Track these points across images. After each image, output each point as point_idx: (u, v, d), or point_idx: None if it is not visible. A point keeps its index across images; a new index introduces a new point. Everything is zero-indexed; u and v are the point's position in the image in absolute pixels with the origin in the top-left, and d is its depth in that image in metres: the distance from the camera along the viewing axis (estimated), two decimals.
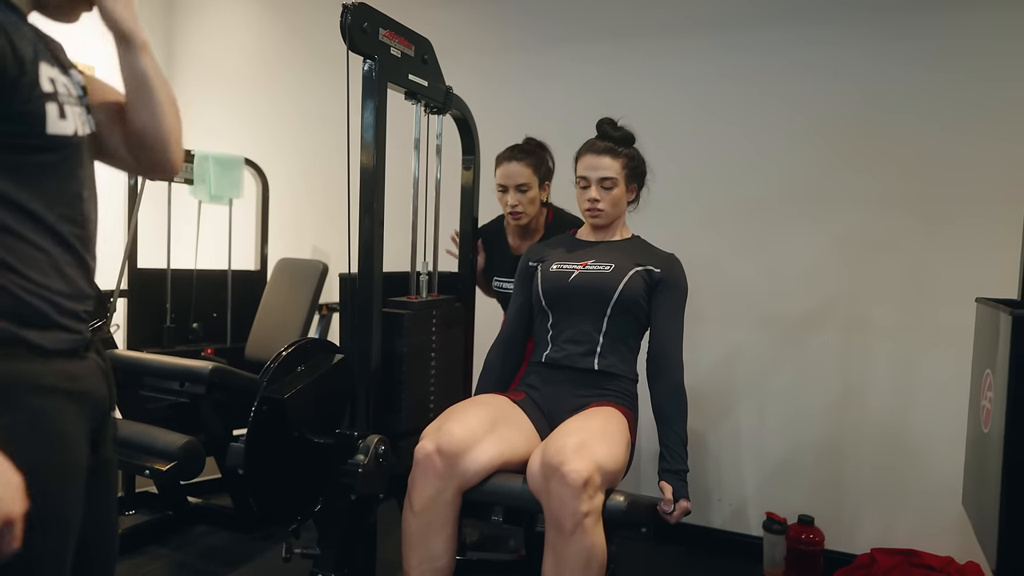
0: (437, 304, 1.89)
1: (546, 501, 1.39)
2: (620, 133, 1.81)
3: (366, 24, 1.61)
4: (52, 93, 0.92)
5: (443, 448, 1.47)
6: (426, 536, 1.46)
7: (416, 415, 1.76)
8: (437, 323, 1.86)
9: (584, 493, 1.34)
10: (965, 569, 2.25)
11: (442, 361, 1.88)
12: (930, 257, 2.39)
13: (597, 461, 1.39)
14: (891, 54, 2.41)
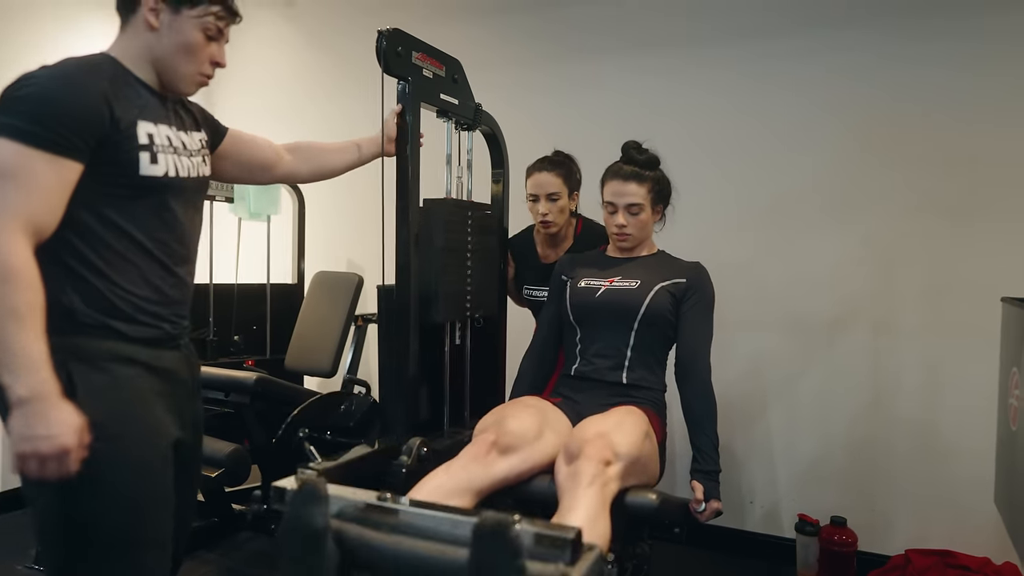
0: (472, 206, 1.94)
1: (562, 482, 1.41)
2: (645, 157, 1.85)
3: (400, 48, 1.69)
4: (147, 144, 1.19)
5: (501, 442, 1.49)
6: (443, 497, 1.40)
7: (452, 308, 1.80)
8: (472, 224, 1.90)
9: (599, 467, 1.37)
10: (1002, 570, 2.24)
11: (478, 263, 1.91)
12: (957, 257, 2.40)
13: (614, 447, 1.43)
14: (916, 58, 2.43)
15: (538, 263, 2.37)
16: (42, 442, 1.02)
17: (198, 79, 1.28)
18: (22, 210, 1.05)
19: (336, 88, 3.53)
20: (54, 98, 1.08)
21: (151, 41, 1.21)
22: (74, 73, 1.13)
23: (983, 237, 2.36)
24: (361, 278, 2.94)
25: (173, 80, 1.25)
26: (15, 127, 1.06)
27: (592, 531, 1.29)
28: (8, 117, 1.06)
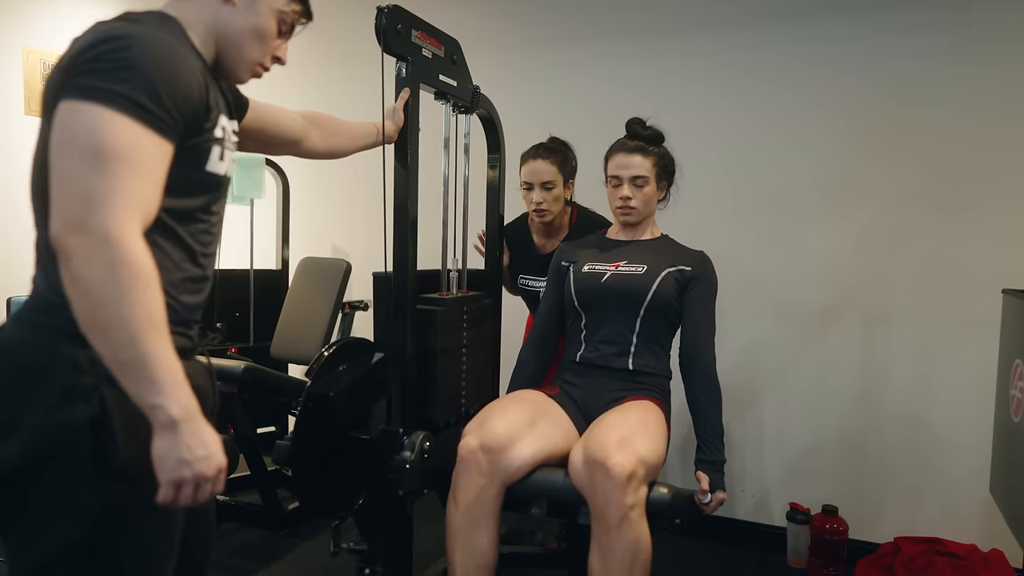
0: (468, 300, 1.91)
1: (591, 496, 1.42)
2: (650, 132, 1.83)
3: (400, 26, 1.63)
4: (220, 139, 1.05)
5: (486, 444, 1.49)
6: (470, 531, 1.48)
7: (449, 409, 1.79)
8: (468, 319, 1.88)
9: (629, 486, 1.37)
10: (989, 557, 2.28)
11: (473, 356, 1.90)
12: (950, 248, 2.41)
13: (639, 455, 1.42)
14: (913, 50, 2.43)
15: (534, 252, 2.33)
16: (203, 464, 0.91)
17: (257, 69, 1.14)
18: (140, 200, 0.90)
19: (321, 66, 3.43)
20: (164, 71, 0.92)
21: (224, 14, 1.06)
22: (172, 43, 0.97)
23: (976, 229, 2.37)
24: (349, 264, 2.88)
25: (234, 62, 1.10)
26: (127, 99, 0.88)
27: (636, 563, 1.40)
28: (116, 85, 0.88)
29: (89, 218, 0.85)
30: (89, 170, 0.86)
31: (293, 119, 1.49)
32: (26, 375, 0.93)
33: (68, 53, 0.94)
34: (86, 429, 0.92)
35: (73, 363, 0.93)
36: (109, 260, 0.85)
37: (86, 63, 0.89)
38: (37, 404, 0.92)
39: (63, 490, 0.93)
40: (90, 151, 0.86)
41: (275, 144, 1.46)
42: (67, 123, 0.88)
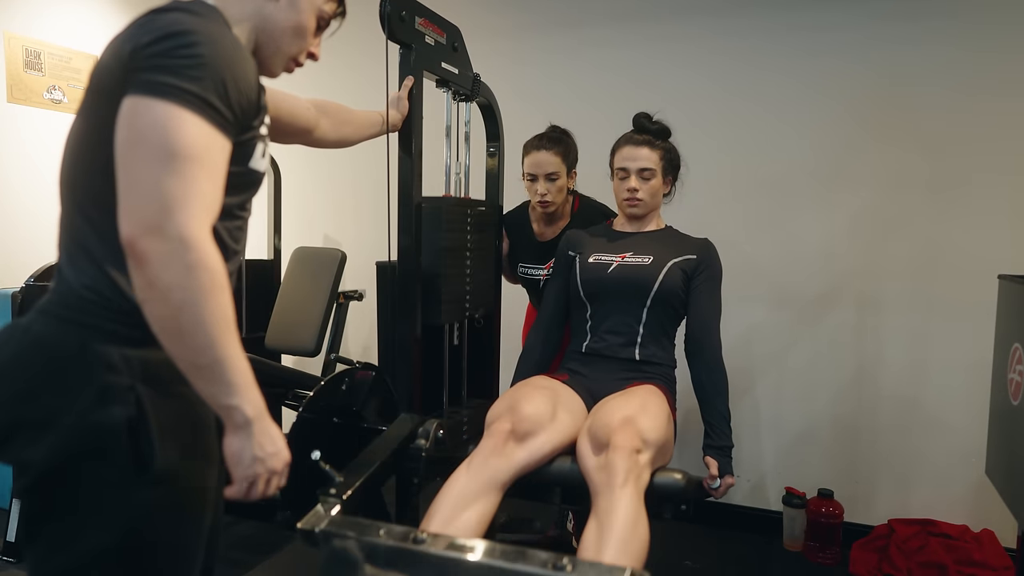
0: (470, 203, 1.90)
1: (594, 474, 1.41)
2: (657, 126, 1.85)
3: (404, 12, 1.61)
4: (264, 136, 1.05)
5: (517, 430, 1.48)
6: (469, 499, 1.40)
7: (453, 310, 1.78)
8: (471, 223, 1.87)
9: (630, 460, 1.37)
10: (981, 537, 2.33)
11: (477, 261, 1.89)
12: (942, 233, 2.45)
13: (642, 434, 1.42)
14: (906, 37, 2.45)
15: (533, 240, 2.33)
16: (273, 460, 0.95)
17: (291, 65, 1.14)
18: (211, 202, 0.88)
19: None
20: (232, 71, 0.91)
21: (267, 9, 1.05)
22: (236, 41, 0.96)
23: (969, 215, 2.41)
24: (344, 254, 2.85)
25: (271, 57, 1.09)
26: (199, 99, 0.87)
27: (634, 535, 1.31)
28: (188, 83, 0.86)
29: (166, 222, 0.83)
30: (164, 171, 0.84)
31: (306, 108, 1.47)
32: (59, 373, 0.91)
33: (127, 43, 0.90)
34: (122, 430, 0.90)
35: (108, 362, 0.91)
36: (188, 264, 0.84)
37: (154, 58, 0.87)
38: (71, 404, 0.90)
39: (97, 493, 0.91)
40: (165, 152, 0.84)
41: (288, 133, 1.44)
42: (138, 121, 0.85)
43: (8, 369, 0.93)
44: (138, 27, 0.92)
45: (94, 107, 0.93)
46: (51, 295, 0.97)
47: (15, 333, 0.96)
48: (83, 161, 0.94)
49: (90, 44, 3.20)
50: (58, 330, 0.93)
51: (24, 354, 0.93)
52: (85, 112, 0.96)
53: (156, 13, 0.93)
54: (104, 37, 3.20)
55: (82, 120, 0.96)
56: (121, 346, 0.92)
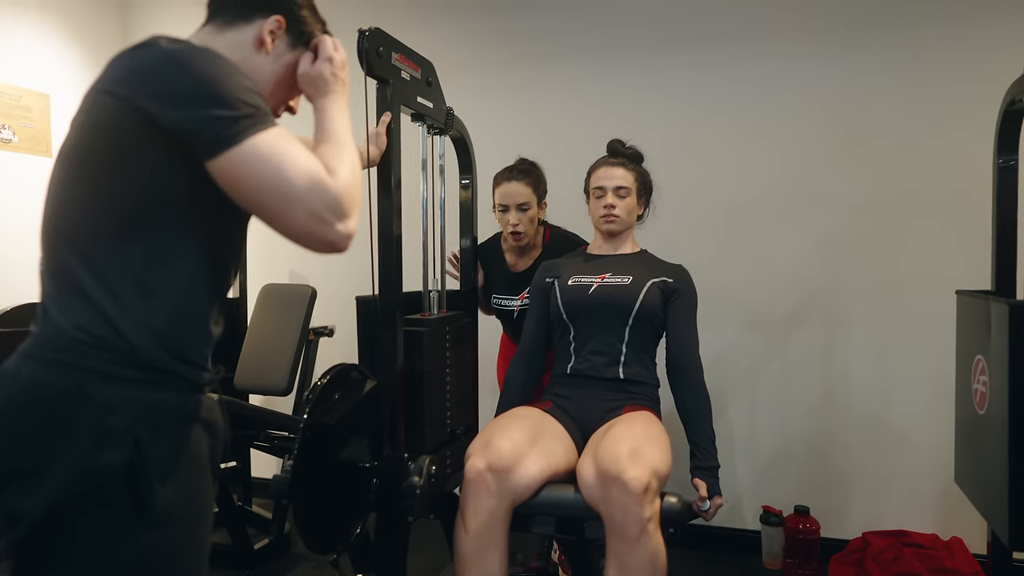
0: (449, 320, 1.91)
1: (606, 510, 1.43)
2: (631, 151, 1.93)
3: (381, 48, 1.63)
4: None
5: (493, 465, 1.49)
6: (482, 555, 1.47)
7: (436, 432, 1.77)
8: (451, 339, 1.88)
9: (645, 499, 1.39)
10: (951, 544, 2.39)
11: (456, 376, 1.89)
12: (901, 253, 2.55)
13: (652, 466, 1.44)
14: (862, 66, 2.57)
15: (506, 271, 2.34)
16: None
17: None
18: (312, 161, 0.95)
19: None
20: (242, 77, 0.97)
21: (254, 60, 1.08)
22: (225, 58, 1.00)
23: (925, 235, 2.53)
24: (314, 290, 2.82)
25: None
26: (257, 112, 0.94)
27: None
28: (239, 110, 0.91)
29: (325, 215, 0.94)
30: (287, 186, 0.91)
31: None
32: (53, 417, 0.88)
33: (139, 93, 0.90)
34: (122, 473, 0.88)
35: (105, 403, 0.88)
36: (347, 220, 0.96)
37: (200, 112, 0.89)
38: (67, 448, 0.87)
39: (97, 538, 0.88)
40: (280, 176, 0.91)
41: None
42: (245, 172, 0.91)
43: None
44: (149, 74, 0.92)
45: (88, 147, 0.92)
46: (37, 338, 0.93)
47: (1, 380, 0.92)
48: (75, 202, 0.92)
49: (41, 83, 3.12)
50: (50, 373, 0.90)
51: (14, 400, 0.89)
52: (75, 154, 0.93)
53: (150, 55, 0.93)
54: (56, 75, 3.15)
55: (71, 164, 0.94)
56: (117, 386, 0.89)
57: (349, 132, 1.08)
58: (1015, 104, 1.80)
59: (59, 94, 3.19)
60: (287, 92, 1.15)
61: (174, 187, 0.92)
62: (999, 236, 1.89)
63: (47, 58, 3.15)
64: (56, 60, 3.19)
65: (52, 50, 3.17)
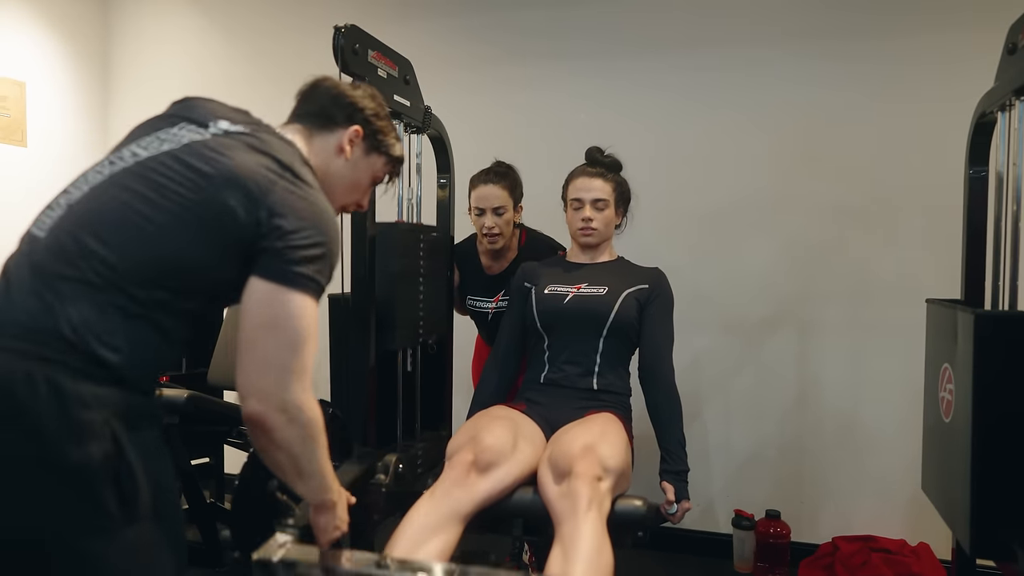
0: (424, 229, 1.90)
1: (556, 502, 1.41)
2: (609, 159, 1.92)
3: (357, 46, 1.62)
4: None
5: (480, 461, 1.48)
6: (430, 532, 1.40)
7: (407, 335, 1.77)
8: (424, 248, 1.87)
9: (592, 487, 1.38)
10: (918, 550, 2.42)
11: (429, 286, 1.89)
12: (872, 259, 2.58)
13: (603, 462, 1.44)
14: (831, 77, 2.60)
15: (481, 273, 2.34)
16: (343, 523, 1.22)
17: (338, 210, 1.27)
18: (311, 366, 1.04)
19: (247, 86, 3.33)
20: (337, 255, 1.11)
21: (335, 163, 1.21)
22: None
23: (896, 242, 2.55)
24: None
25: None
26: (319, 287, 1.05)
27: (599, 561, 1.32)
28: (315, 274, 1.03)
29: (287, 396, 1.00)
30: (290, 355, 0.99)
31: None
32: (23, 412, 0.86)
33: (259, 193, 1.00)
34: (105, 468, 0.88)
35: (80, 399, 0.88)
36: (303, 423, 1.03)
37: (295, 250, 1.00)
38: (37, 443, 0.86)
39: (81, 538, 0.87)
40: (294, 338, 0.99)
41: None
42: (276, 309, 0.99)
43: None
44: (276, 184, 1.03)
45: (198, 213, 0.99)
46: (5, 331, 0.91)
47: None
48: (152, 241, 0.97)
49: (17, 70, 3.07)
50: (20, 366, 0.88)
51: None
52: (180, 205, 0.99)
53: (293, 181, 1.05)
54: (32, 63, 3.10)
55: (172, 208, 0.98)
56: (87, 383, 0.90)
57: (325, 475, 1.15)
58: (986, 116, 1.82)
59: (35, 82, 3.14)
60: (359, 193, 1.29)
61: (229, 281, 1.02)
62: (968, 246, 1.90)
63: (24, 46, 3.10)
64: (33, 48, 3.14)
65: (29, 38, 3.13)
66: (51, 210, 1.02)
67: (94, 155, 3.32)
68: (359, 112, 1.24)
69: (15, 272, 0.97)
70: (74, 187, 1.04)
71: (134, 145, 1.07)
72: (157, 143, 1.05)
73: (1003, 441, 1.50)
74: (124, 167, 1.03)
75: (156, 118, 1.13)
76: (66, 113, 3.31)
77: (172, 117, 1.11)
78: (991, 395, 1.51)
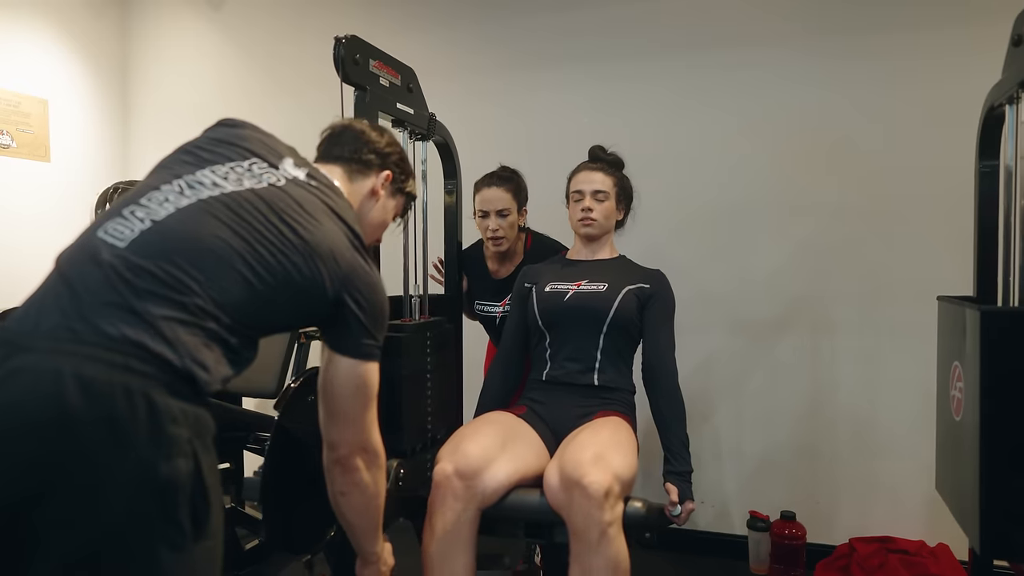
0: (430, 326, 1.92)
1: (568, 514, 1.44)
2: (611, 157, 1.94)
3: (358, 55, 1.65)
4: None
5: (461, 469, 1.50)
6: (447, 558, 1.48)
7: (416, 435, 1.78)
8: (431, 344, 1.89)
9: (606, 503, 1.40)
10: (937, 551, 2.38)
11: (437, 381, 1.90)
12: (886, 259, 2.55)
13: (615, 471, 1.45)
14: (842, 74, 2.58)
15: (489, 278, 2.36)
16: (387, 573, 1.40)
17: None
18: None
19: (263, 99, 3.40)
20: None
21: (367, 205, 1.35)
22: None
23: (912, 240, 2.52)
24: None
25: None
26: (381, 351, 1.24)
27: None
28: (378, 343, 1.22)
29: (368, 442, 1.25)
30: (368, 408, 1.23)
31: None
32: (115, 422, 0.87)
33: (341, 266, 1.14)
34: (187, 484, 0.90)
35: (171, 415, 0.90)
36: (379, 466, 1.28)
37: (366, 324, 1.18)
38: (133, 458, 0.87)
39: (155, 551, 0.89)
40: (368, 397, 1.22)
41: None
42: (357, 379, 1.20)
43: (47, 418, 0.85)
44: (365, 290, 1.17)
45: (293, 278, 1.09)
46: (80, 339, 0.90)
47: (45, 378, 0.86)
48: (247, 291, 1.03)
49: (39, 88, 3.16)
50: (115, 378, 0.88)
51: (66, 401, 0.85)
52: (282, 258, 1.07)
53: (364, 256, 1.20)
54: (55, 80, 3.19)
55: (281, 257, 1.07)
56: (174, 399, 0.92)
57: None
58: (995, 109, 1.80)
59: (57, 100, 3.24)
60: (383, 230, 1.44)
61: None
62: (980, 241, 1.88)
63: (46, 64, 3.19)
64: (55, 66, 3.23)
65: (51, 56, 3.22)
66: (126, 220, 1.01)
67: (115, 168, 3.47)
68: (388, 157, 1.38)
69: (77, 277, 0.95)
70: (152, 203, 1.04)
71: (208, 171, 1.09)
72: (236, 176, 1.10)
73: (1012, 438, 1.48)
74: (212, 196, 1.05)
75: (215, 140, 1.16)
76: (88, 129, 3.40)
77: (237, 147, 1.15)
78: (999, 392, 1.49)
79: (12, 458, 0.85)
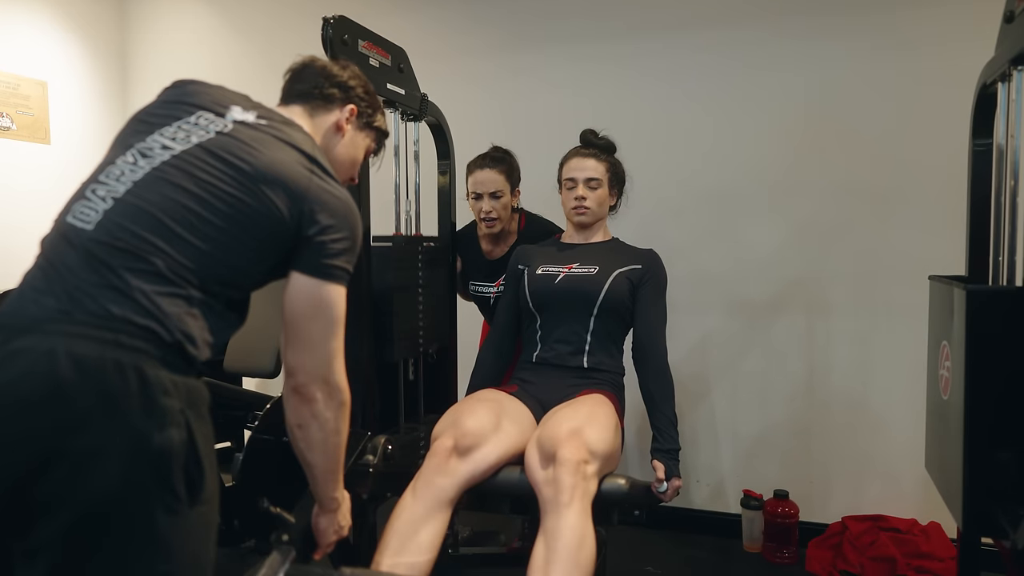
0: (421, 240, 1.93)
1: (542, 488, 1.45)
2: (603, 141, 1.93)
3: (346, 36, 1.65)
4: None
5: (460, 444, 1.52)
6: (418, 523, 1.45)
7: (406, 347, 1.81)
8: (423, 259, 1.91)
9: (578, 472, 1.41)
10: (928, 530, 2.40)
11: (428, 298, 1.92)
12: (883, 239, 2.54)
13: (588, 445, 1.46)
14: (838, 54, 2.55)
15: (482, 259, 2.37)
16: (344, 528, 1.34)
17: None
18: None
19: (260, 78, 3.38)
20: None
21: (333, 141, 1.30)
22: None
23: (903, 221, 2.51)
24: None
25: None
26: (349, 275, 1.17)
27: (581, 552, 1.36)
28: (347, 265, 1.16)
29: (330, 374, 1.15)
30: (331, 336, 1.14)
31: None
32: (110, 397, 0.90)
33: (303, 197, 1.09)
34: (181, 453, 0.93)
35: (162, 387, 0.93)
36: (340, 402, 1.18)
37: (330, 244, 1.11)
38: (126, 427, 0.90)
39: (152, 518, 0.92)
40: (332, 322, 1.13)
41: None
42: (316, 300, 1.12)
43: (42, 394, 0.89)
44: (332, 212, 1.12)
45: (254, 217, 1.06)
46: (71, 319, 0.93)
47: (41, 358, 0.90)
48: (208, 239, 1.03)
49: (38, 70, 3.17)
50: (107, 353, 0.91)
51: (60, 377, 0.89)
52: (239, 204, 1.06)
53: (322, 177, 1.14)
54: (54, 62, 3.19)
55: (232, 214, 1.05)
56: (169, 371, 0.95)
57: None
58: (988, 87, 1.78)
59: (56, 82, 3.24)
60: (356, 168, 1.38)
61: (269, 270, 1.13)
62: (972, 221, 1.87)
63: (45, 46, 3.20)
64: (54, 48, 3.24)
65: (49, 38, 3.22)
66: (89, 201, 1.03)
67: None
68: (352, 91, 1.32)
69: (60, 261, 0.98)
70: (111, 179, 1.05)
71: (158, 135, 1.09)
72: (184, 134, 1.09)
73: (995, 416, 1.48)
74: (163, 161, 1.06)
75: (164, 103, 1.16)
76: (87, 110, 3.41)
77: (184, 105, 1.14)
78: (984, 370, 1.49)
79: (14, 434, 0.90)
